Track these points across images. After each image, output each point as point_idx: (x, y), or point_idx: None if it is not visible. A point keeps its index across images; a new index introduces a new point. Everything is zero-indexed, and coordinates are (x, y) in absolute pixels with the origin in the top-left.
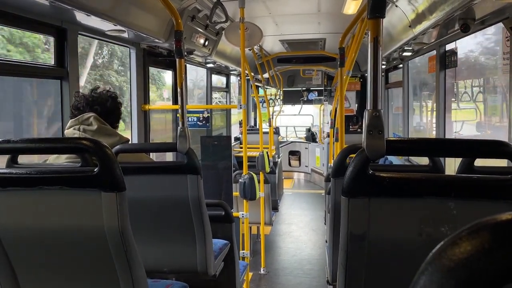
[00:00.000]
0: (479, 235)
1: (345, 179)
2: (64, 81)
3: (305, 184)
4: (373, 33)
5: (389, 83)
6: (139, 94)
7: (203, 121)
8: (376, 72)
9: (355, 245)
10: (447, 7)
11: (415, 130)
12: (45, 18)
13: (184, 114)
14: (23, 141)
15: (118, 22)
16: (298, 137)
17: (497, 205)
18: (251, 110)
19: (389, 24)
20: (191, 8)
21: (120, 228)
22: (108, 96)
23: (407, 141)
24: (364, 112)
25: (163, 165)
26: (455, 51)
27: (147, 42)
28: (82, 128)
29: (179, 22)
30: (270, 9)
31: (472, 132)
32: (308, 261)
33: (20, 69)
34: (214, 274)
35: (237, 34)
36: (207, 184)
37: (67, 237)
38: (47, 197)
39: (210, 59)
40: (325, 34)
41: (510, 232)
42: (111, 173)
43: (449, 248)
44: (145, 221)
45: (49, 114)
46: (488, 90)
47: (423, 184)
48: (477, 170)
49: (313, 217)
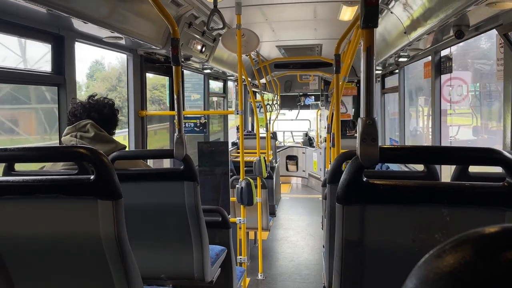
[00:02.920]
0: (461, 248)
1: (339, 187)
2: (61, 88)
3: (303, 189)
4: (366, 42)
5: (385, 88)
6: (136, 100)
7: (200, 127)
8: (370, 81)
9: (350, 252)
10: (441, 14)
11: (411, 135)
12: (42, 25)
13: (181, 121)
14: (19, 150)
15: (115, 29)
16: (295, 142)
17: (489, 212)
18: (248, 115)
19: (385, 31)
20: (188, 15)
21: (117, 236)
22: (105, 103)
23: (400, 149)
24: (358, 120)
25: (160, 171)
26: (450, 57)
27: (144, 49)
28: (79, 135)
29: (176, 30)
30: (266, 16)
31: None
32: (306, 266)
33: (18, 76)
34: (211, 281)
35: (234, 41)
36: (204, 190)
37: (63, 245)
38: (44, 205)
39: (207, 65)
40: (322, 40)
41: (493, 246)
42: (108, 181)
43: (433, 261)
44: (142, 228)
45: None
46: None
47: (416, 191)
48: (471, 176)
49: (311, 222)
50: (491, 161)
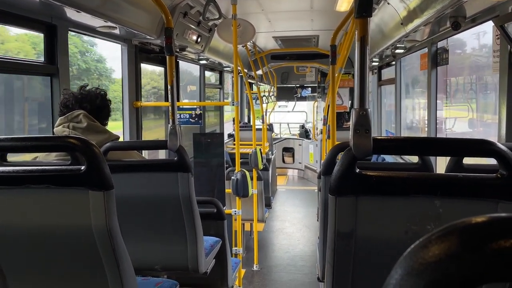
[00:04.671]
0: (447, 238)
1: (332, 178)
2: (54, 78)
3: (299, 180)
4: (360, 32)
5: (382, 80)
6: (131, 91)
7: (195, 118)
8: (363, 71)
9: (343, 243)
10: (438, 5)
11: (407, 127)
12: (34, 14)
13: (175, 112)
14: (10, 140)
15: (109, 18)
16: (291, 134)
17: (482, 203)
18: (245, 107)
19: (381, 22)
20: (183, 5)
21: (108, 227)
22: (97, 93)
23: (393, 140)
24: (351, 111)
25: (153, 162)
26: (447, 49)
27: (139, 39)
28: (71, 126)
29: (169, 19)
30: (262, 6)
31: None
32: (301, 257)
33: (10, 66)
34: (205, 272)
35: (230, 31)
36: (199, 181)
37: (54, 236)
38: (34, 196)
39: (203, 55)
40: (318, 31)
41: (478, 236)
42: (99, 171)
43: (419, 251)
44: (135, 219)
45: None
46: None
47: (409, 182)
48: (465, 168)
49: (306, 214)
50: (485, 153)
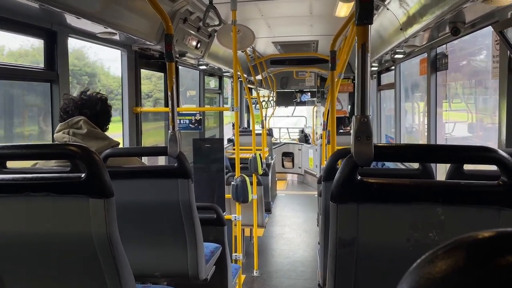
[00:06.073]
0: (454, 253)
1: (333, 185)
2: (54, 84)
3: (298, 185)
4: (360, 39)
5: (381, 85)
6: (130, 96)
7: (195, 123)
8: (364, 78)
9: (344, 251)
10: (437, 11)
11: (407, 132)
12: (34, 20)
13: (175, 118)
14: (10, 147)
15: (108, 24)
16: (291, 139)
17: (484, 210)
18: (244, 112)
19: (381, 27)
20: (183, 11)
21: (108, 234)
22: (97, 98)
23: (394, 147)
24: (352, 118)
25: (154, 169)
26: (446, 54)
27: (139, 45)
28: (71, 132)
29: (170, 26)
30: (262, 12)
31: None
32: (301, 263)
33: (10, 72)
34: (205, 278)
35: (229, 37)
36: (199, 187)
37: (54, 243)
38: (34, 203)
39: (202, 61)
40: (318, 36)
41: (486, 251)
42: (99, 179)
43: (425, 266)
44: (135, 226)
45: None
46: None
47: (411, 190)
48: (466, 174)
49: (306, 219)
50: (486, 160)
